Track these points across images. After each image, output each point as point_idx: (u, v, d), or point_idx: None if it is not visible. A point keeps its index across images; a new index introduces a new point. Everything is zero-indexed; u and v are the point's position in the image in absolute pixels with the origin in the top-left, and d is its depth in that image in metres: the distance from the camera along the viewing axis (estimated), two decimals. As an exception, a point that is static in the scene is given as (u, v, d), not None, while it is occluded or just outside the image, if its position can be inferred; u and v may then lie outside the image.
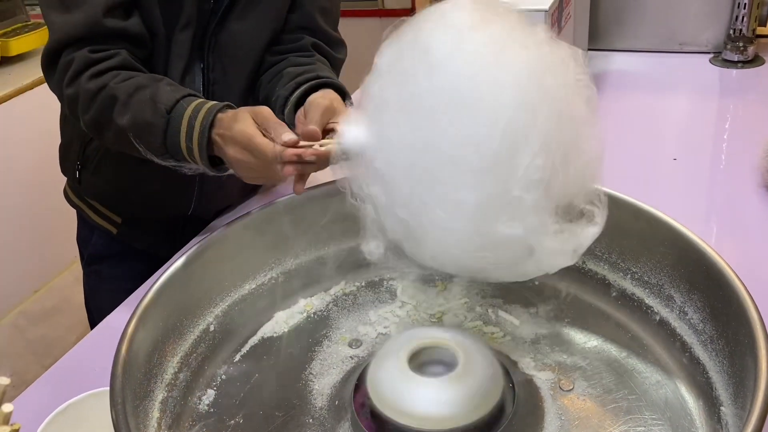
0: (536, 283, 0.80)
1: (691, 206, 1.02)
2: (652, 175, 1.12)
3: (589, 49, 1.61)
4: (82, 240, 1.16)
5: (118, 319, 0.83)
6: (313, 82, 0.88)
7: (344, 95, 0.86)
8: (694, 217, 0.92)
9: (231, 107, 0.79)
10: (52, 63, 0.86)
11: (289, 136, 0.72)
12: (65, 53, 0.84)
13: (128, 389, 0.57)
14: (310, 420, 0.66)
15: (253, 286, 0.79)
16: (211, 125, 0.77)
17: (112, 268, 1.08)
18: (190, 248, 0.73)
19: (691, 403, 0.63)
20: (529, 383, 0.66)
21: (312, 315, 0.80)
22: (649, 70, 1.55)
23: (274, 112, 0.78)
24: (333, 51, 1.02)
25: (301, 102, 0.86)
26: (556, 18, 1.11)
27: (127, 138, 0.82)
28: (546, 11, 1.06)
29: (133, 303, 0.67)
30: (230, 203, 1.10)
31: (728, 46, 1.49)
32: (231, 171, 0.80)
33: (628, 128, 1.28)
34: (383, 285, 0.83)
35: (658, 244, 0.69)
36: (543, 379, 0.67)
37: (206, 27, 0.93)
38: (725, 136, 1.30)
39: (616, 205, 0.72)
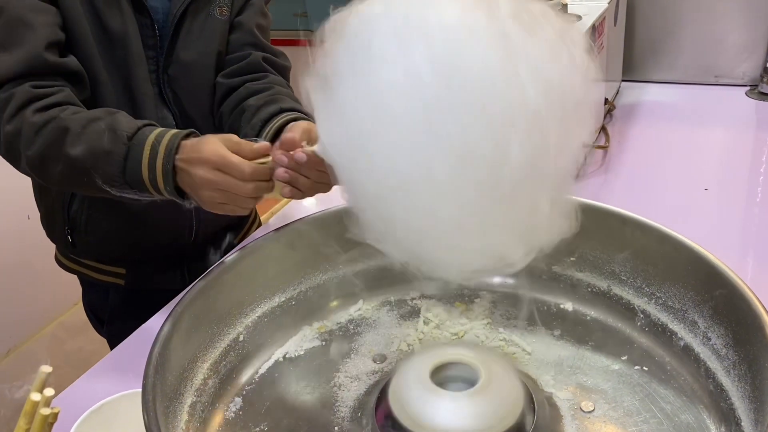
0: (562, 307, 0.81)
1: (723, 236, 1.02)
2: (683, 204, 1.12)
3: (624, 80, 1.62)
4: (93, 304, 1.14)
5: (155, 326, 0.87)
6: (280, 120, 0.87)
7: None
8: (728, 247, 0.92)
9: (196, 134, 0.78)
10: None
11: (260, 143, 0.73)
12: (3, 90, 0.82)
13: (159, 390, 0.59)
14: (335, 429, 0.67)
15: (283, 299, 0.81)
16: (176, 152, 0.75)
17: (136, 320, 0.97)
18: (224, 259, 0.76)
19: (713, 428, 0.63)
20: (549, 401, 0.67)
21: (338, 329, 0.82)
22: (684, 102, 1.55)
23: None
24: (281, 60, 1.05)
25: (272, 139, 0.85)
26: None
27: (77, 171, 0.79)
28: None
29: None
30: (229, 222, 1.12)
31: (765, 79, 1.49)
32: (193, 203, 0.78)
33: (660, 158, 1.29)
34: (407, 303, 0.85)
35: (683, 269, 0.70)
36: (563, 398, 0.68)
37: (157, 62, 0.95)
38: (762, 169, 1.29)
39: (641, 230, 0.74)
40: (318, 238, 0.83)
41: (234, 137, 0.76)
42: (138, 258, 1.06)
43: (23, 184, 1.06)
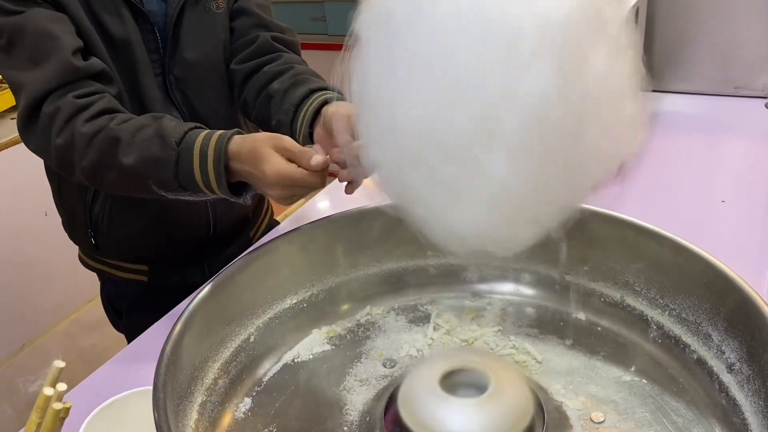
0: (574, 316, 0.80)
1: (740, 249, 1.01)
2: (699, 216, 1.11)
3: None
4: (112, 297, 1.16)
5: (168, 325, 0.87)
6: (313, 103, 0.89)
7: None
8: (744, 260, 0.91)
9: (240, 132, 0.80)
10: (31, 120, 0.85)
11: (317, 159, 0.74)
12: (46, 105, 0.83)
13: (170, 388, 0.59)
14: (342, 428, 0.67)
15: (295, 301, 0.81)
16: (227, 154, 0.78)
17: (155, 312, 1.01)
18: (236, 260, 0.76)
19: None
20: (559, 410, 0.67)
21: (349, 333, 0.82)
22: (703, 113, 1.54)
23: (282, 133, 0.80)
24: (289, 36, 1.05)
25: (311, 122, 0.88)
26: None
27: (131, 178, 0.82)
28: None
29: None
30: (246, 214, 1.14)
31: (785, 92, 1.48)
32: (247, 200, 0.82)
33: (676, 169, 1.28)
34: (418, 308, 0.84)
35: (697, 281, 0.69)
36: (573, 408, 0.67)
37: (162, 66, 0.96)
38: (781, 182, 1.28)
39: (656, 240, 0.73)
40: (330, 241, 0.83)
41: (288, 143, 0.77)
42: (159, 255, 1.08)
43: (40, 181, 1.08)
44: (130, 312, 1.13)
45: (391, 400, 0.66)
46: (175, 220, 1.03)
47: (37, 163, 1.06)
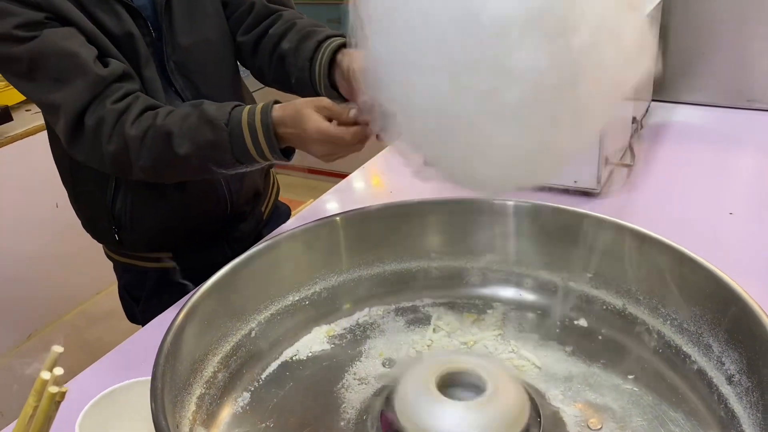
0: (575, 323, 0.80)
1: (746, 262, 1.00)
2: (706, 228, 1.10)
3: (653, 100, 1.60)
4: (131, 284, 1.18)
5: (171, 317, 0.88)
6: (325, 55, 0.94)
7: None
8: (750, 272, 0.90)
9: (278, 101, 0.85)
10: (76, 136, 0.88)
11: (353, 111, 0.80)
12: (87, 118, 0.86)
13: (169, 379, 0.60)
14: (339, 426, 0.67)
15: (297, 298, 0.82)
16: (273, 122, 0.83)
17: (171, 296, 1.04)
18: (241, 255, 0.77)
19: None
20: (556, 416, 0.66)
21: (349, 333, 0.82)
22: (714, 125, 1.53)
23: (303, 89, 0.91)
24: None
25: (328, 72, 0.94)
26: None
27: (190, 166, 0.87)
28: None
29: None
30: (257, 189, 1.18)
31: (799, 106, 1.46)
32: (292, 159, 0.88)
33: (685, 180, 1.27)
34: (419, 310, 0.85)
35: (700, 292, 0.69)
36: (570, 414, 0.67)
37: (160, 56, 0.98)
38: (790, 197, 1.27)
39: (659, 249, 0.73)
40: (334, 241, 0.83)
41: (326, 102, 0.83)
42: (182, 240, 1.11)
43: (52, 174, 1.09)
44: (148, 298, 1.16)
45: (388, 400, 0.66)
46: (195, 203, 1.06)
47: (49, 156, 1.07)
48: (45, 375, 0.41)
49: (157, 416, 0.55)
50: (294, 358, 0.78)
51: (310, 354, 0.79)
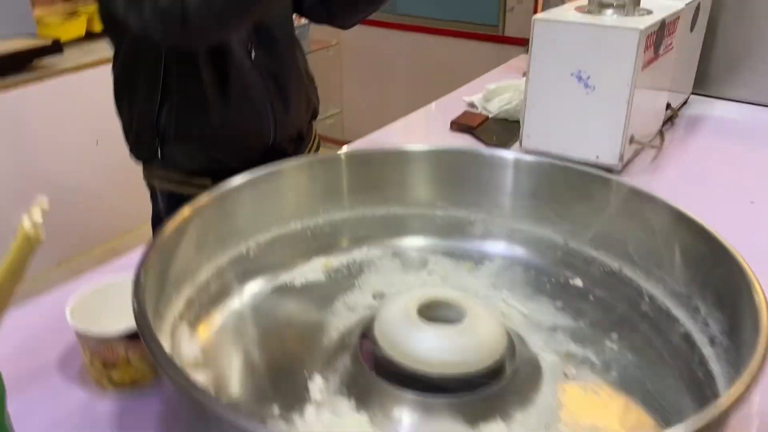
0: (570, 282, 0.80)
1: (764, 247, 0.98)
2: (725, 213, 1.07)
3: (694, 93, 1.57)
4: (164, 214, 1.20)
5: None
6: None
7: None
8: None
9: None
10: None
11: None
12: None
13: (158, 268, 0.62)
14: (323, 345, 0.69)
15: (298, 227, 0.83)
16: None
17: None
18: (252, 171, 0.78)
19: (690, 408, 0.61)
20: (532, 359, 0.67)
21: (345, 268, 0.83)
22: (751, 122, 1.49)
23: None
24: None
25: None
26: (653, 42, 1.10)
27: None
28: (641, 31, 1.05)
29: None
30: (300, 126, 1.20)
31: (844, 111, 1.41)
32: None
33: (710, 168, 1.24)
34: (417, 254, 0.85)
35: (692, 251, 0.68)
36: (548, 360, 0.67)
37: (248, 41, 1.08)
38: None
39: (655, 208, 0.72)
40: (338, 176, 0.85)
41: None
42: (223, 165, 1.13)
43: (95, 110, 1.14)
44: None
45: (369, 323, 0.67)
46: (239, 126, 1.09)
47: (95, 92, 1.12)
48: (26, 222, 0.43)
49: (138, 300, 0.56)
50: (288, 284, 0.80)
51: (304, 281, 0.80)
